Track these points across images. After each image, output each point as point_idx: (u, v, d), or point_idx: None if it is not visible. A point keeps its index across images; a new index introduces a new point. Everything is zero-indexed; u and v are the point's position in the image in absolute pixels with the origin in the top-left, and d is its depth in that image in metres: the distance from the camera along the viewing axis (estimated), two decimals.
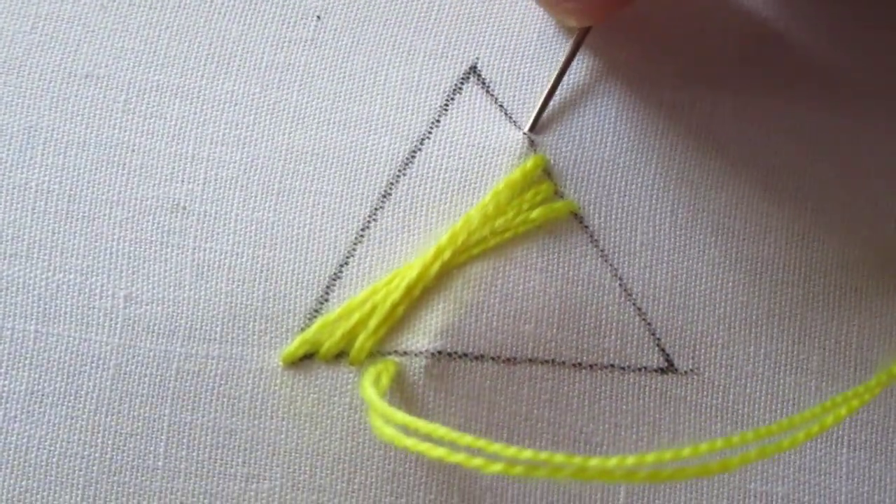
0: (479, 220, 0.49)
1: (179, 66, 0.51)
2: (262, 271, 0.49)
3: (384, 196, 0.50)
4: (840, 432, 0.50)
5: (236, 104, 0.51)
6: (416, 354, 0.49)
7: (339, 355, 0.49)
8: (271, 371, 0.49)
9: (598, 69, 0.52)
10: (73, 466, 0.48)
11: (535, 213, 0.50)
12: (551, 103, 0.51)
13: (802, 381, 0.50)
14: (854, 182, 0.52)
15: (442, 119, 0.51)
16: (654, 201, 0.51)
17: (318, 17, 0.52)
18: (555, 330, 0.50)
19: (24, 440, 0.48)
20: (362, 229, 0.50)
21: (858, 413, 0.50)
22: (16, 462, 0.48)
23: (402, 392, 0.49)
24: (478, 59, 0.52)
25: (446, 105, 0.51)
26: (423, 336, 0.49)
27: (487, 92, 0.51)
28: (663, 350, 0.50)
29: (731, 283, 0.51)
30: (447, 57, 0.52)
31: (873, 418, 0.50)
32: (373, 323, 0.48)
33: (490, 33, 0.52)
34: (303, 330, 0.49)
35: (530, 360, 0.49)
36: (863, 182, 0.52)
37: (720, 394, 0.50)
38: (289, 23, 0.52)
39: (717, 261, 0.51)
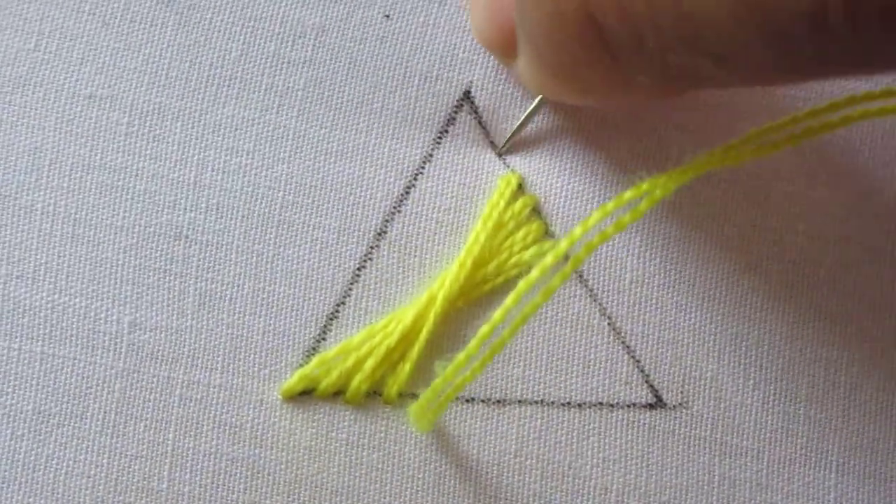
0: (472, 266, 0.50)
1: (181, 86, 0.52)
2: (262, 305, 0.50)
3: (379, 235, 0.51)
4: (829, 458, 0.51)
5: (236, 129, 0.51)
6: (410, 396, 0.50)
7: (336, 394, 0.50)
8: (271, 404, 0.50)
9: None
10: (80, 486, 0.49)
11: (527, 255, 0.50)
12: (542, 140, 0.52)
13: (791, 408, 0.51)
14: (847, 205, 0.52)
15: (435, 153, 0.51)
16: (644, 235, 0.51)
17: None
18: (543, 371, 0.51)
19: (32, 458, 0.50)
20: (358, 269, 0.51)
21: (847, 438, 0.51)
22: (23, 479, 0.49)
23: (395, 433, 0.50)
24: (471, 83, 0.52)
25: (440, 137, 0.51)
26: (414, 380, 0.50)
27: (479, 123, 0.52)
28: (652, 386, 0.51)
29: (721, 315, 0.51)
30: (442, 80, 0.52)
31: (862, 443, 0.51)
32: (368, 366, 0.49)
33: (484, 53, 0.52)
34: (301, 366, 0.50)
35: (519, 402, 0.50)
36: (856, 205, 0.52)
37: (709, 426, 0.51)
38: (287, 41, 0.52)
39: (708, 293, 0.51)
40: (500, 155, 0.52)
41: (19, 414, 0.49)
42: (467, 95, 0.52)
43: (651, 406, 0.51)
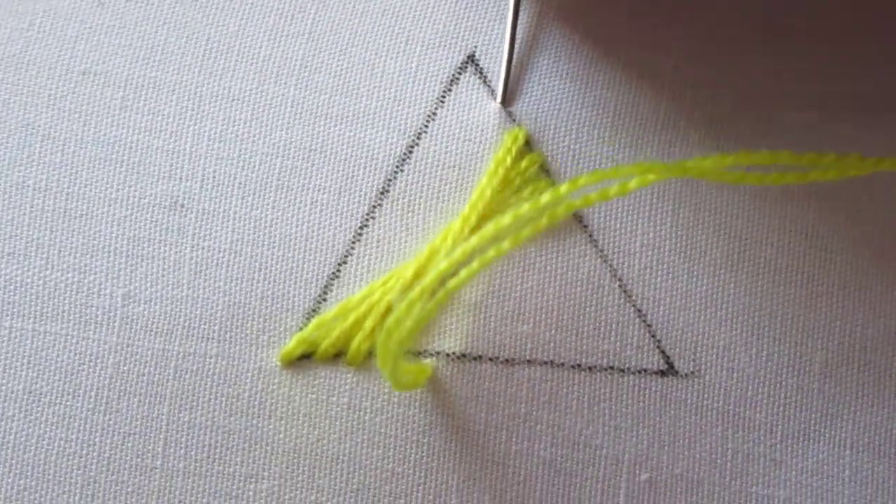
0: (477, 221, 0.49)
1: (177, 61, 0.51)
2: (260, 270, 0.49)
3: (382, 193, 0.50)
4: (843, 434, 0.50)
5: (233, 100, 0.51)
6: (413, 355, 0.48)
7: (337, 355, 0.49)
8: (269, 370, 0.49)
9: (596, 61, 0.51)
10: (72, 465, 0.48)
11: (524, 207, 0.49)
12: (549, 95, 0.51)
13: (805, 382, 0.50)
14: (859, 178, 0.51)
15: (438, 111, 0.51)
16: (655, 201, 0.50)
17: None
18: (553, 331, 0.49)
19: (23, 439, 0.48)
20: (361, 227, 0.50)
21: (861, 414, 0.50)
22: (14, 460, 0.48)
23: (399, 395, 0.49)
24: (476, 48, 0.52)
25: (443, 97, 0.51)
26: (419, 336, 0.49)
27: (485, 83, 0.51)
28: (664, 352, 0.49)
29: (732, 284, 0.50)
30: (445, 47, 0.52)
31: (877, 420, 0.50)
32: (368, 324, 0.48)
33: (488, 21, 0.52)
34: (300, 329, 0.49)
35: (528, 362, 0.49)
36: (867, 178, 0.51)
37: (721, 396, 0.50)
38: (286, 16, 0.51)
39: (719, 261, 0.50)
40: (503, 104, 0.51)
41: (10, 394, 0.48)
42: (472, 59, 0.51)
43: (663, 373, 0.49)
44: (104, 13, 0.52)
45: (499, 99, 0.51)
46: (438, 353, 0.49)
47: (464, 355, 0.49)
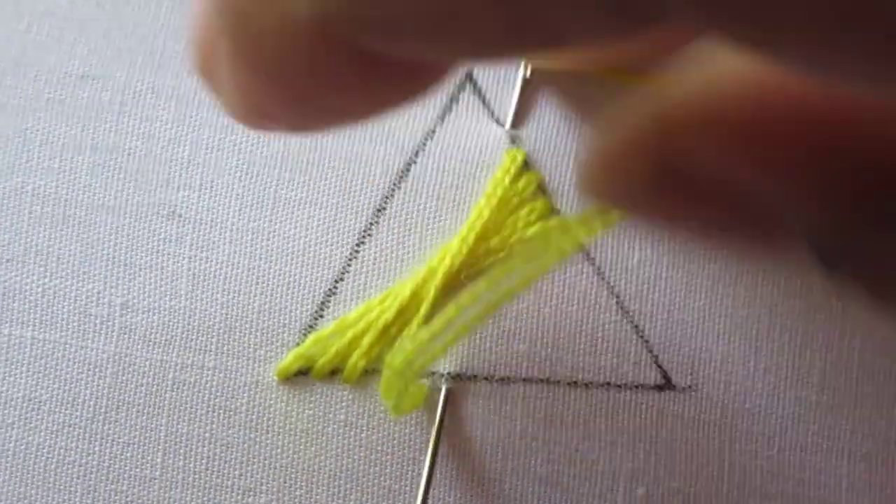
0: (474, 240, 0.48)
1: (175, 67, 0.51)
2: (257, 283, 0.49)
3: (379, 210, 0.50)
4: (840, 444, 0.50)
5: None
6: None
7: (334, 372, 0.49)
8: (266, 385, 0.49)
9: (592, 83, 0.51)
10: (71, 474, 0.48)
11: (530, 232, 0.49)
12: (545, 113, 0.51)
13: (803, 394, 0.50)
14: None
15: (437, 130, 0.50)
16: None
17: None
18: (549, 349, 0.49)
19: (22, 447, 0.48)
20: (357, 244, 0.49)
21: (859, 424, 0.50)
22: (13, 468, 0.48)
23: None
24: (473, 66, 0.51)
25: (442, 117, 0.50)
26: None
27: (483, 102, 0.51)
28: (660, 367, 0.49)
29: (730, 297, 0.50)
30: None
31: (874, 430, 0.50)
32: (366, 342, 0.48)
33: None
34: (297, 345, 0.49)
35: (524, 380, 0.49)
36: None
37: (719, 410, 0.50)
38: None
39: (717, 275, 0.50)
40: (499, 123, 0.50)
41: (9, 401, 0.48)
42: (469, 77, 0.51)
43: (659, 388, 0.49)
44: (102, 15, 0.51)
45: (508, 124, 0.51)
46: (434, 372, 0.49)
47: (458, 375, 0.49)
